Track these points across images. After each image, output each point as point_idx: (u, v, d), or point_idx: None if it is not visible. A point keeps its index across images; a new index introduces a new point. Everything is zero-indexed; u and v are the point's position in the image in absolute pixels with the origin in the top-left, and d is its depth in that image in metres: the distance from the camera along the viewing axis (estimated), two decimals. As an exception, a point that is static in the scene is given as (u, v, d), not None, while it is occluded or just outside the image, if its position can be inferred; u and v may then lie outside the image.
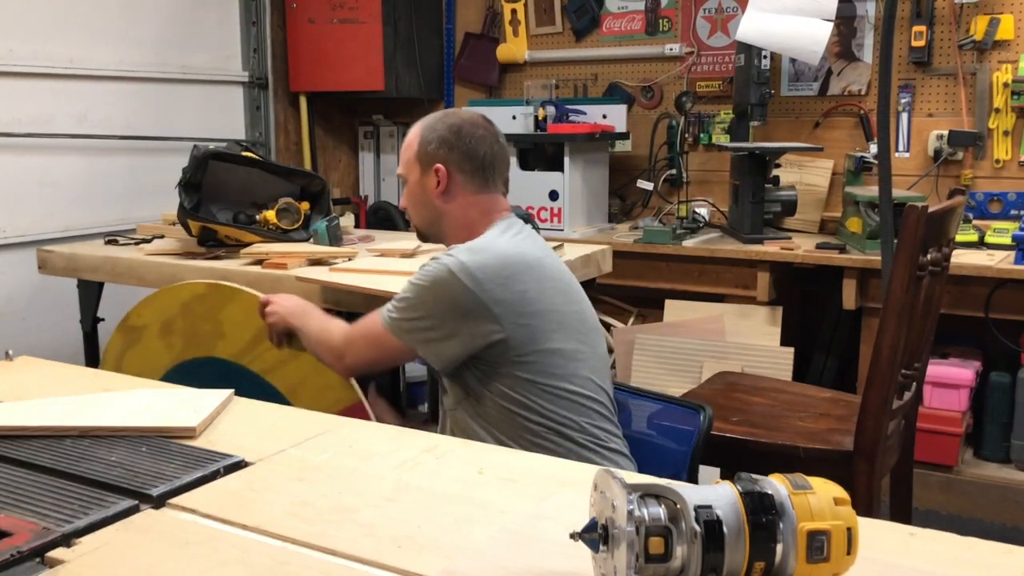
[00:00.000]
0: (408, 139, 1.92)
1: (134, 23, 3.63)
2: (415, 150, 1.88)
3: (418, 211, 1.88)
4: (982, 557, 0.96)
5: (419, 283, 1.72)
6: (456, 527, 1.03)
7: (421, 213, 1.88)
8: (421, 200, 1.86)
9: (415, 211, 1.89)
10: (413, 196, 1.87)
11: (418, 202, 1.87)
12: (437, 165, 1.83)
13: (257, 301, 2.08)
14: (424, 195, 1.84)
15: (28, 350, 1.82)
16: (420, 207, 1.87)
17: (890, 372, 1.84)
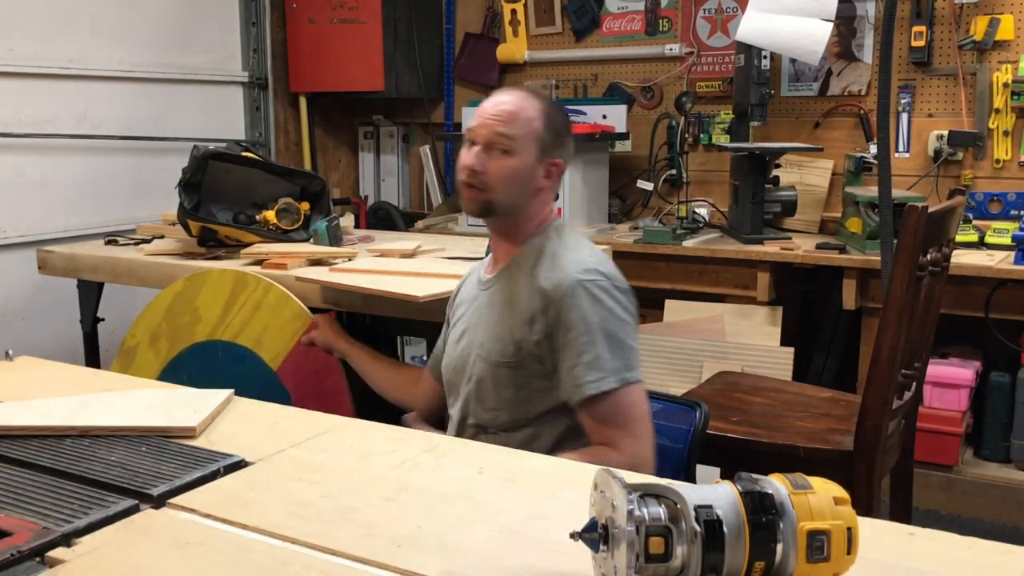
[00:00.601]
0: (524, 108, 1.67)
1: (134, 23, 3.63)
2: (539, 130, 1.67)
3: (510, 188, 1.66)
4: (982, 557, 0.96)
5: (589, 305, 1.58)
6: (456, 527, 1.03)
7: (512, 192, 1.67)
8: (520, 180, 1.67)
9: (508, 186, 1.66)
10: (514, 171, 1.66)
11: (518, 180, 1.67)
12: (558, 160, 1.71)
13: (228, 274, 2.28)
14: (527, 178, 1.67)
15: (28, 350, 1.82)
16: (515, 186, 1.67)
17: (890, 372, 1.84)
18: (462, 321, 1.79)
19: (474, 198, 1.67)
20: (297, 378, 2.21)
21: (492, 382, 1.65)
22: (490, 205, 1.67)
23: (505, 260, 1.73)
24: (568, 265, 1.62)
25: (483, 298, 1.75)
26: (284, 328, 2.24)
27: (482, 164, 1.65)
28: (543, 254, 1.67)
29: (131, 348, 2.48)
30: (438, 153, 4.42)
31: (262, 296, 2.30)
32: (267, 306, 2.27)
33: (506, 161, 1.65)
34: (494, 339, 1.66)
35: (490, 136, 1.64)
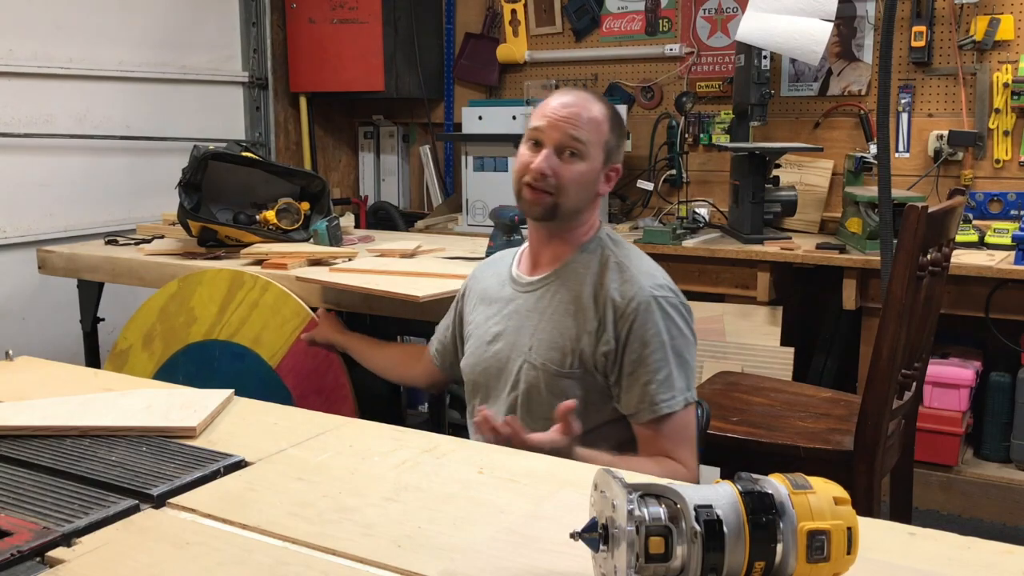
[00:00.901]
0: (593, 112, 1.63)
1: (134, 23, 3.63)
2: (606, 135, 1.65)
3: (578, 193, 1.63)
4: (982, 557, 0.96)
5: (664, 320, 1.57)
6: (456, 527, 1.03)
7: (579, 197, 1.63)
8: (587, 185, 1.64)
9: (577, 191, 1.62)
10: (582, 176, 1.62)
11: (585, 185, 1.63)
12: (618, 165, 1.69)
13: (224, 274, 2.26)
14: (592, 183, 1.64)
15: (28, 350, 1.82)
16: (583, 191, 1.63)
17: (890, 372, 1.84)
18: (493, 321, 1.72)
19: (540, 201, 1.62)
20: (297, 375, 2.22)
21: (547, 392, 1.60)
22: (556, 209, 1.62)
23: (553, 264, 1.68)
24: (640, 278, 1.60)
25: (526, 301, 1.69)
26: (283, 326, 2.25)
27: (552, 168, 1.60)
28: (606, 263, 1.63)
29: (123, 351, 2.48)
30: (438, 153, 4.42)
31: (260, 294, 2.30)
32: (265, 304, 2.28)
33: (576, 165, 1.61)
34: (550, 347, 1.61)
35: (562, 139, 1.60)
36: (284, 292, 2.28)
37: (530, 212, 1.66)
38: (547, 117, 1.62)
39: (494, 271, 1.81)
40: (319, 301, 2.34)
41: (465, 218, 3.81)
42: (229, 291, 2.35)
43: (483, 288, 1.80)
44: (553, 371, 1.60)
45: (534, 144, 1.63)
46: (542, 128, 1.62)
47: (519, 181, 1.65)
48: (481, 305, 1.78)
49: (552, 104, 1.63)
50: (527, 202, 1.64)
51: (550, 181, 1.60)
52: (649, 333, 1.56)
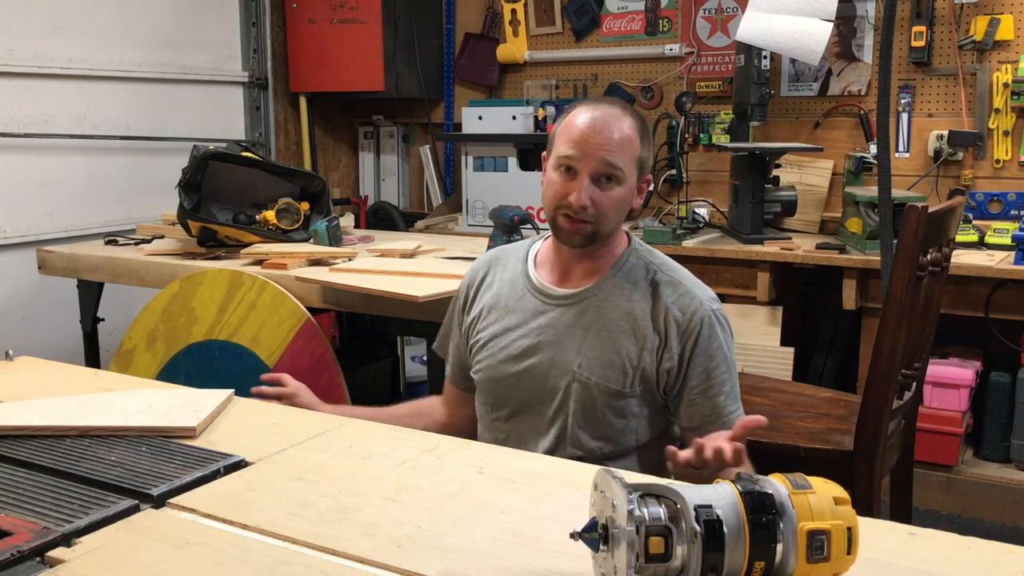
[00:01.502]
0: (626, 130, 1.56)
1: (134, 23, 3.63)
2: (638, 151, 1.58)
3: (617, 217, 1.59)
4: (982, 557, 0.96)
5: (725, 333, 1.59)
6: (456, 527, 1.03)
7: (618, 220, 1.60)
8: (625, 207, 1.59)
9: (616, 216, 1.58)
10: (621, 201, 1.57)
11: (623, 208, 1.59)
12: (649, 176, 1.64)
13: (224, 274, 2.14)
14: (629, 203, 1.60)
15: (28, 350, 1.82)
16: (621, 214, 1.59)
17: (890, 372, 1.84)
18: (518, 334, 1.64)
19: (579, 231, 1.56)
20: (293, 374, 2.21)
21: (606, 410, 1.57)
22: (595, 236, 1.57)
23: (591, 277, 1.62)
24: (697, 292, 1.59)
25: (562, 315, 1.61)
26: (280, 326, 2.25)
27: (592, 198, 1.53)
28: (655, 278, 1.60)
29: (128, 351, 2.49)
30: (438, 153, 4.42)
31: (257, 294, 2.30)
32: (263, 304, 2.28)
33: (614, 191, 1.55)
34: (604, 365, 1.56)
35: (599, 168, 1.53)
36: (281, 292, 2.28)
37: (569, 241, 1.59)
38: (583, 144, 1.53)
39: (502, 278, 1.72)
40: (319, 301, 2.34)
41: (465, 218, 3.81)
42: (229, 291, 2.35)
43: (494, 296, 1.70)
44: (613, 390, 1.56)
45: (566, 171, 1.55)
46: (578, 157, 1.53)
47: (554, 210, 1.57)
48: (494, 313, 1.69)
49: (581, 126, 1.54)
50: (565, 232, 1.58)
51: (590, 212, 1.54)
52: (714, 347, 1.56)
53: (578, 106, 1.59)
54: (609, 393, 1.56)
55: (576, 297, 1.62)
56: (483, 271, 1.77)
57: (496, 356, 1.65)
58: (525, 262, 1.71)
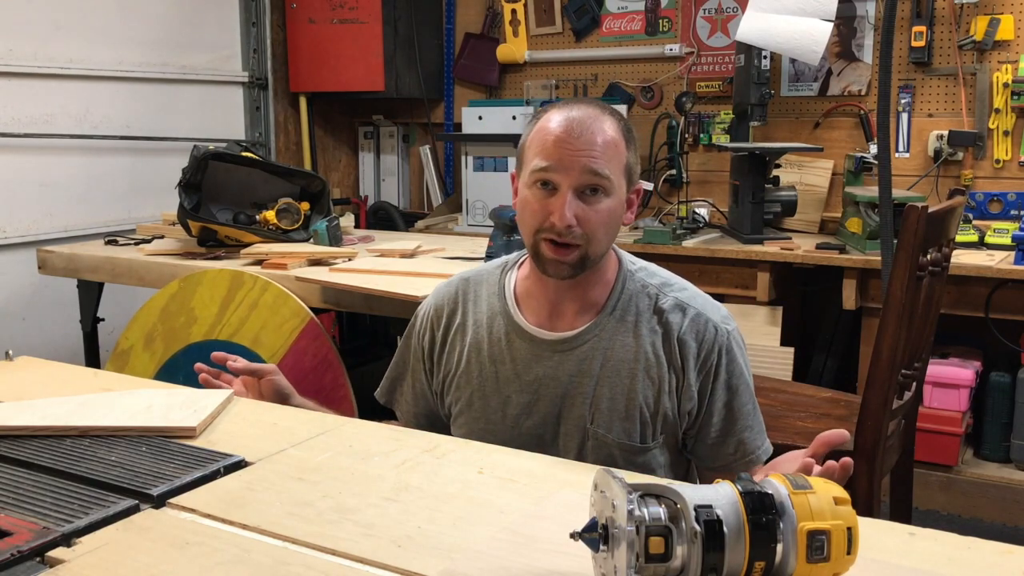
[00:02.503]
0: (609, 133, 1.33)
1: (134, 23, 3.63)
2: (624, 156, 1.35)
3: (608, 235, 1.36)
4: (982, 557, 0.96)
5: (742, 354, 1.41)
6: (456, 527, 1.03)
7: (609, 238, 1.37)
8: (616, 222, 1.37)
9: (607, 233, 1.35)
10: (611, 215, 1.35)
11: (614, 224, 1.36)
12: (639, 186, 1.42)
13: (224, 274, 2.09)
14: (620, 217, 1.38)
15: (28, 350, 1.82)
16: (612, 230, 1.37)
17: (890, 372, 1.84)
18: (512, 389, 1.42)
19: (566, 257, 1.33)
20: (296, 374, 2.22)
21: (627, 465, 1.37)
22: (584, 261, 1.34)
23: (586, 314, 1.41)
24: (708, 313, 1.40)
25: (561, 363, 1.40)
26: (282, 326, 2.25)
27: (577, 215, 1.31)
28: (656, 301, 1.41)
29: (125, 351, 2.49)
30: (438, 153, 4.42)
31: (259, 294, 2.30)
32: (264, 304, 2.28)
33: (603, 204, 1.33)
34: (622, 418, 1.37)
35: (581, 178, 1.30)
36: (283, 292, 2.28)
37: (555, 272, 1.35)
38: (557, 152, 1.31)
39: (476, 318, 1.47)
40: (319, 301, 2.34)
41: (465, 218, 3.81)
42: (229, 291, 2.35)
43: (472, 342, 1.46)
44: (636, 447, 1.38)
45: (542, 186, 1.33)
46: (552, 168, 1.31)
47: (534, 235, 1.35)
48: (475, 364, 1.45)
49: (556, 132, 1.32)
50: (550, 262, 1.34)
51: (576, 232, 1.31)
52: (735, 379, 1.39)
53: (549, 110, 1.36)
54: (631, 450, 1.37)
55: (575, 341, 1.40)
56: (449, 308, 1.51)
57: (485, 414, 1.44)
58: (502, 298, 1.46)
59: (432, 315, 1.53)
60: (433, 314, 1.52)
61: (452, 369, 1.49)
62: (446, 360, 1.50)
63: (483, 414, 1.45)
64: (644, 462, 1.39)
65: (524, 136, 1.39)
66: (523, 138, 1.39)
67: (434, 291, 1.57)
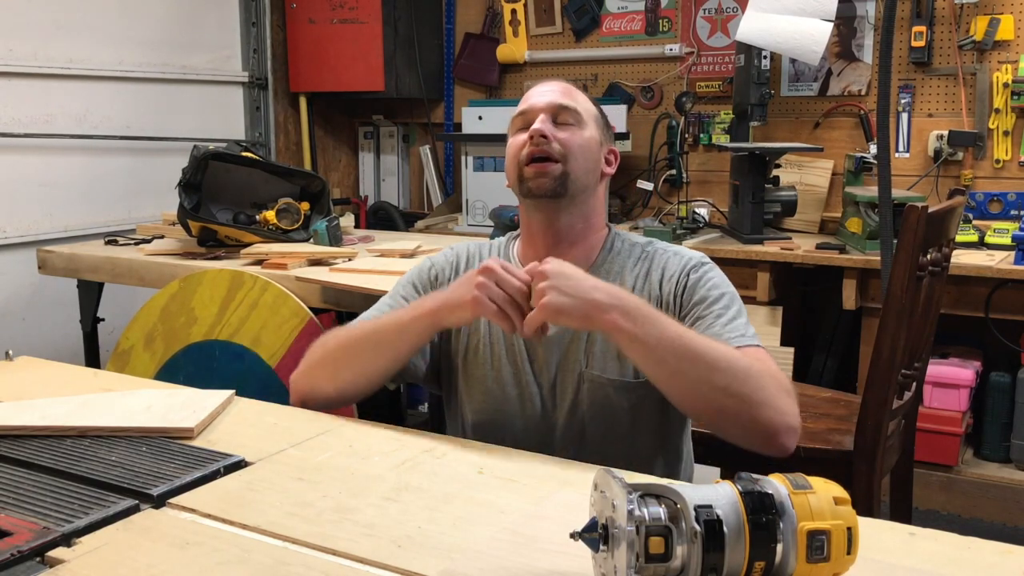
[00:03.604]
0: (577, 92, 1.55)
1: (134, 23, 3.63)
2: (595, 111, 1.56)
3: (586, 161, 1.49)
4: (982, 557, 0.96)
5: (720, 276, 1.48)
6: (456, 527, 1.03)
7: (587, 167, 1.50)
8: (592, 155, 1.51)
9: (584, 158, 1.49)
10: (587, 143, 1.50)
11: (590, 152, 1.51)
12: (614, 148, 1.60)
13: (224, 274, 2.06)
14: (596, 153, 1.53)
15: (28, 350, 1.82)
16: (589, 159, 1.50)
17: (890, 372, 1.84)
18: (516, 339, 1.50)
19: (547, 171, 1.45)
20: None
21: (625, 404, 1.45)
22: (566, 179, 1.46)
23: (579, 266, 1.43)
24: (680, 252, 1.52)
25: None
26: (282, 326, 2.25)
27: (552, 133, 1.46)
28: (643, 250, 1.55)
29: (125, 351, 2.49)
30: (438, 153, 4.42)
31: (259, 294, 2.30)
32: (264, 304, 2.27)
33: (578, 132, 1.49)
34: (616, 356, 1.45)
35: (554, 109, 1.49)
36: (283, 292, 2.28)
37: (538, 188, 1.46)
38: (533, 95, 1.53)
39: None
40: (319, 301, 2.34)
41: (465, 218, 3.81)
42: (229, 291, 2.35)
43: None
44: (630, 383, 1.44)
45: (521, 128, 1.51)
46: (532, 103, 1.51)
47: (517, 164, 1.48)
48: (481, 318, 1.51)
49: (535, 87, 1.56)
50: (532, 179, 1.46)
51: (554, 146, 1.45)
52: (706, 289, 1.45)
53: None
54: (626, 387, 1.45)
55: None
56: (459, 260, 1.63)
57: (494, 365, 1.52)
58: (507, 259, 1.59)
59: (438, 264, 1.64)
60: (443, 260, 1.64)
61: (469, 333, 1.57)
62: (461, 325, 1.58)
63: (487, 363, 1.53)
64: (636, 397, 1.46)
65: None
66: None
67: (450, 247, 1.69)
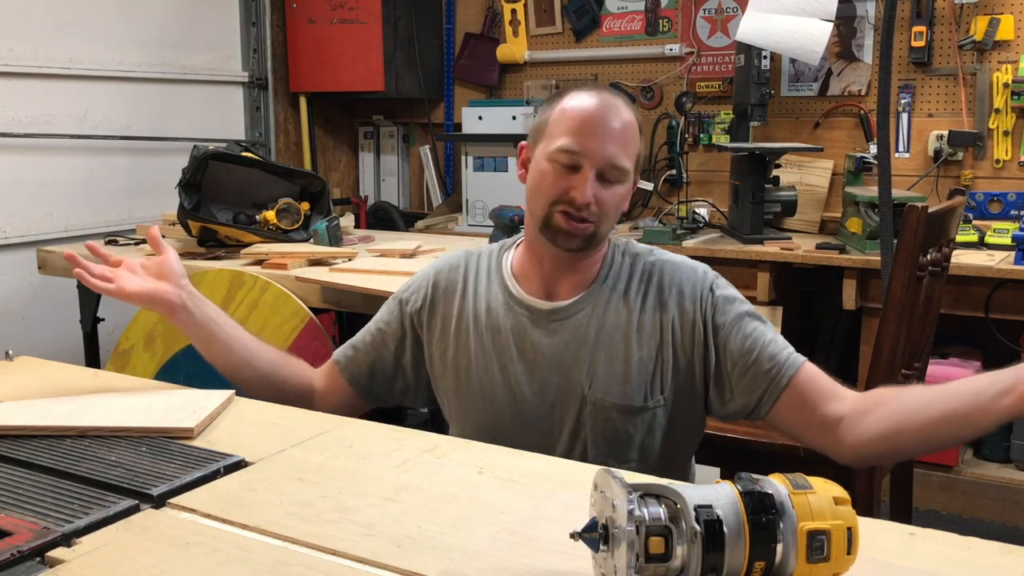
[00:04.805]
0: (626, 120, 1.41)
1: (134, 23, 3.63)
2: (638, 145, 1.45)
3: (616, 216, 1.45)
4: (982, 557, 0.96)
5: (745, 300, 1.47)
6: (456, 527, 1.03)
7: (616, 219, 1.46)
8: (623, 205, 1.46)
9: (615, 215, 1.44)
10: (623, 200, 1.44)
11: (622, 207, 1.46)
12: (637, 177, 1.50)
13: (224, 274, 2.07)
14: (626, 200, 1.46)
15: (28, 350, 1.82)
16: (619, 213, 1.46)
17: (890, 372, 1.84)
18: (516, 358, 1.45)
19: (578, 231, 1.40)
20: None
21: (629, 429, 1.41)
22: (594, 237, 1.42)
23: (580, 287, 1.47)
24: (685, 266, 1.49)
25: (559, 332, 1.44)
26: (282, 326, 2.25)
27: (596, 196, 1.39)
28: (642, 267, 1.48)
29: (126, 350, 2.49)
30: (438, 153, 4.42)
31: (259, 294, 2.30)
32: (264, 304, 2.28)
33: (617, 189, 1.41)
34: (620, 381, 1.41)
35: (606, 168, 1.39)
36: (283, 292, 2.28)
37: (566, 244, 1.42)
38: (583, 135, 1.38)
39: (476, 289, 1.52)
40: (319, 301, 2.34)
41: (465, 218, 3.81)
42: (229, 291, 2.35)
43: (473, 311, 1.50)
44: (634, 407, 1.41)
45: (565, 166, 1.39)
46: (579, 151, 1.38)
47: (550, 206, 1.40)
48: (473, 331, 1.49)
49: (583, 115, 1.39)
50: (563, 232, 1.40)
51: (592, 210, 1.39)
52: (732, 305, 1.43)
53: (573, 91, 1.44)
54: (630, 411, 1.40)
55: (570, 310, 1.45)
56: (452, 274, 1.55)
57: (485, 385, 1.47)
58: (499, 273, 1.52)
59: (433, 278, 1.56)
60: (434, 276, 1.56)
61: (450, 334, 1.51)
62: (441, 323, 1.53)
63: (481, 382, 1.48)
64: (642, 423, 1.41)
65: (544, 112, 1.45)
66: (543, 114, 1.45)
67: (439, 258, 1.62)
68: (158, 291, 1.50)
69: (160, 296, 1.50)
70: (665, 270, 1.48)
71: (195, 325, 1.52)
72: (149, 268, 1.53)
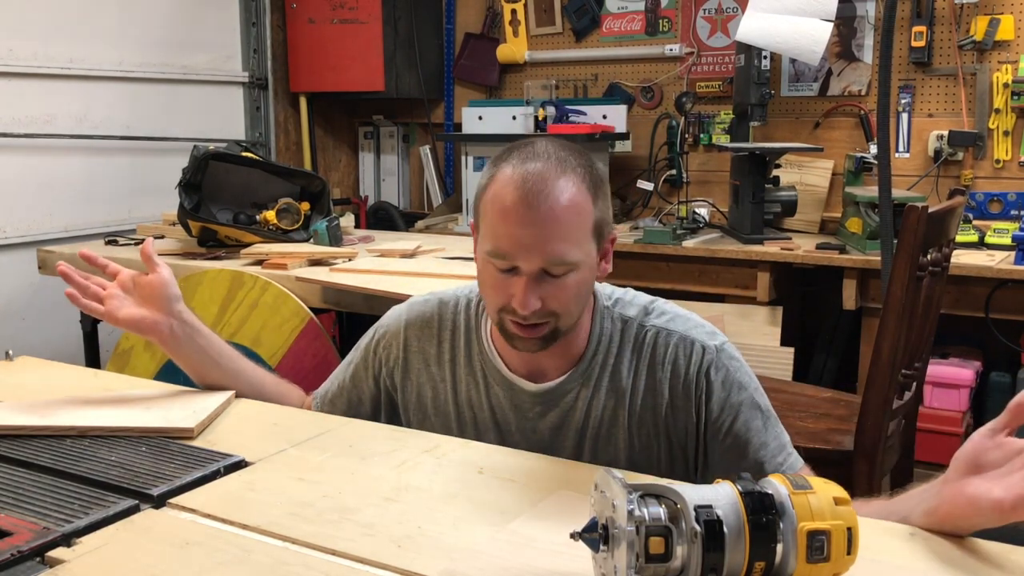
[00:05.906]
0: (568, 196, 1.19)
1: (134, 23, 3.63)
2: (592, 214, 1.22)
3: (579, 305, 1.26)
4: (982, 557, 0.96)
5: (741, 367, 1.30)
6: (456, 527, 1.03)
7: (581, 306, 1.27)
8: (586, 292, 1.27)
9: (577, 304, 1.25)
10: (580, 288, 1.24)
11: (585, 293, 1.27)
12: (613, 234, 1.30)
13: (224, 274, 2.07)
14: (591, 283, 1.28)
15: (28, 350, 1.82)
16: (583, 299, 1.27)
17: (890, 372, 1.84)
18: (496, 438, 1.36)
19: (536, 336, 1.24)
20: (296, 374, 2.22)
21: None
22: (556, 333, 1.25)
23: (566, 364, 1.32)
24: (692, 334, 1.30)
25: (545, 417, 1.33)
26: (282, 326, 2.25)
27: (541, 296, 1.20)
28: (635, 334, 1.32)
29: (126, 350, 2.49)
30: (438, 153, 4.42)
31: (259, 294, 2.30)
32: (264, 304, 2.28)
33: (570, 279, 1.22)
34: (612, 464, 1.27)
35: (544, 266, 1.20)
36: (283, 292, 2.28)
37: (525, 348, 1.26)
38: (510, 236, 1.19)
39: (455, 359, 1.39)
40: (319, 301, 2.34)
41: (465, 218, 3.81)
42: (229, 291, 2.35)
43: (451, 377, 1.40)
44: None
45: (501, 270, 1.22)
46: (509, 256, 1.19)
47: (498, 313, 1.25)
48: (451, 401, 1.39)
49: (510, 206, 1.18)
50: (518, 339, 1.25)
51: (543, 312, 1.21)
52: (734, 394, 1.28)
53: (503, 165, 1.23)
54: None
55: (556, 392, 1.32)
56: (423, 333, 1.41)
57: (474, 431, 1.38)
58: (479, 338, 1.37)
59: (403, 335, 1.43)
60: (404, 333, 1.42)
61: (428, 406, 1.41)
62: (416, 392, 1.42)
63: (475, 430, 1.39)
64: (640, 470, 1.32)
65: (479, 188, 1.26)
66: (478, 190, 1.26)
67: (407, 306, 1.46)
68: (146, 320, 1.49)
69: (148, 326, 1.49)
70: (659, 341, 1.31)
71: (184, 357, 1.51)
72: (142, 287, 1.51)
